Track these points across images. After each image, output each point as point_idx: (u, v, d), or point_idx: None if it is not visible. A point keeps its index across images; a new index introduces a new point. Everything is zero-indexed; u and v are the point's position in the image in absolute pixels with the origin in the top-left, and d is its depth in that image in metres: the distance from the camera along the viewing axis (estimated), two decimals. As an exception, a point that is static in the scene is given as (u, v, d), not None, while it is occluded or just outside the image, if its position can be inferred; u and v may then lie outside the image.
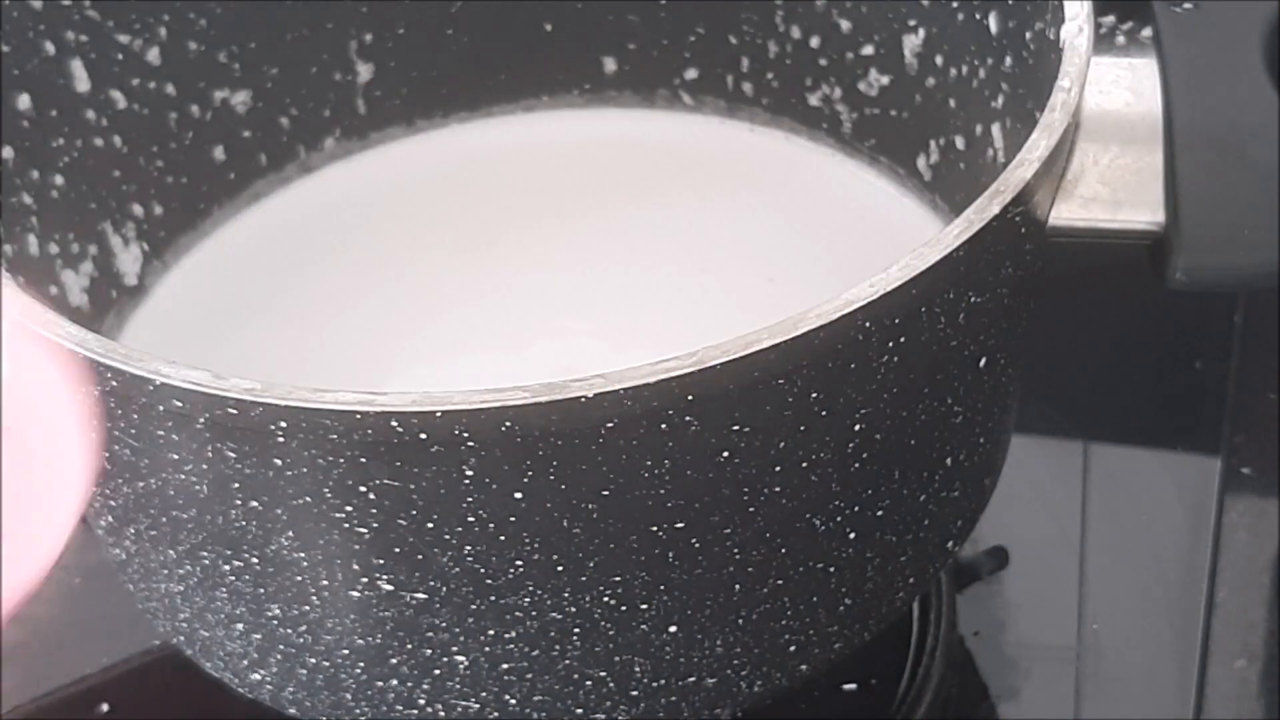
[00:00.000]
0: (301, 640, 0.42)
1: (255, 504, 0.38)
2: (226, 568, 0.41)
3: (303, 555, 0.39)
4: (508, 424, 0.35)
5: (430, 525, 0.37)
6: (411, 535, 0.38)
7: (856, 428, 0.39)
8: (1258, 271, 0.44)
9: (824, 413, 0.38)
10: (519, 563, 0.38)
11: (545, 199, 0.60)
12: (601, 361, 0.35)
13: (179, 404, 0.36)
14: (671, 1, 0.60)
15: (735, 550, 0.40)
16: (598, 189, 0.61)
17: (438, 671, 0.42)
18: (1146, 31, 0.47)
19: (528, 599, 0.39)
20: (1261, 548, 0.57)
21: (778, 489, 0.39)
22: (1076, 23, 0.43)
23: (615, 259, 0.60)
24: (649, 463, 0.37)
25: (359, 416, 0.34)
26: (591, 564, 0.39)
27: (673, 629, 0.41)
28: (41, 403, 0.30)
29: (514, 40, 0.61)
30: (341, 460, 0.36)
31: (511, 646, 0.41)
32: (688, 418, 0.36)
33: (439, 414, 0.35)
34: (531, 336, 0.56)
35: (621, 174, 0.61)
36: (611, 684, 0.43)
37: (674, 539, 0.39)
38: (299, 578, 0.40)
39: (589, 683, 0.42)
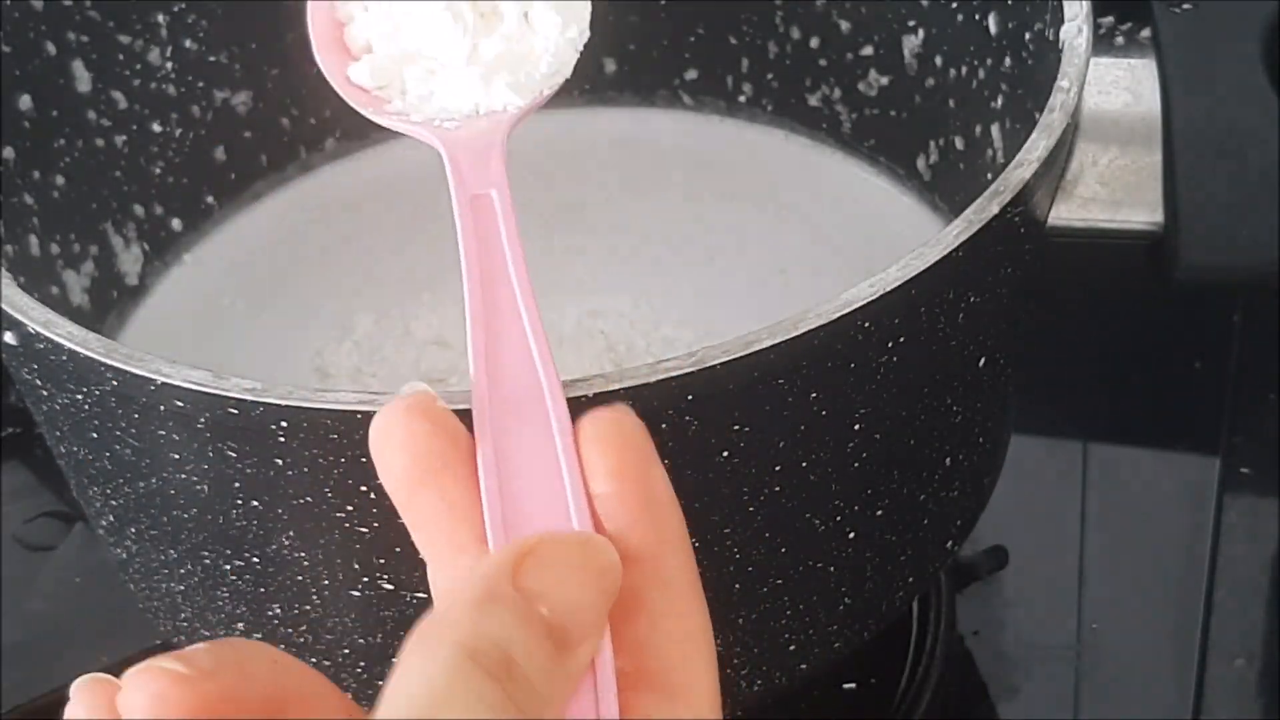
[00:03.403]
0: (302, 639, 0.42)
1: (256, 504, 0.38)
2: (227, 567, 0.41)
3: (303, 555, 0.39)
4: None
5: (431, 525, 0.37)
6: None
7: (856, 428, 0.39)
8: (1258, 271, 0.44)
9: (824, 413, 0.38)
10: (519, 562, 0.38)
11: (546, 199, 0.60)
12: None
13: (180, 404, 0.36)
14: (671, 2, 0.60)
15: (735, 550, 0.40)
16: (598, 189, 0.61)
17: (438, 671, 0.42)
18: (1146, 32, 0.47)
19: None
20: (1261, 548, 0.57)
21: (778, 489, 0.39)
22: (1076, 23, 0.43)
23: (614, 258, 0.60)
24: (649, 462, 0.37)
25: (359, 416, 0.34)
26: (592, 564, 0.39)
27: (673, 629, 0.41)
28: None
29: (514, 40, 0.61)
30: (342, 460, 0.36)
31: (512, 646, 0.41)
32: (688, 418, 0.36)
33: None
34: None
35: (621, 174, 0.61)
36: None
37: (674, 539, 0.39)
38: (300, 577, 0.40)
39: (589, 682, 0.42)
